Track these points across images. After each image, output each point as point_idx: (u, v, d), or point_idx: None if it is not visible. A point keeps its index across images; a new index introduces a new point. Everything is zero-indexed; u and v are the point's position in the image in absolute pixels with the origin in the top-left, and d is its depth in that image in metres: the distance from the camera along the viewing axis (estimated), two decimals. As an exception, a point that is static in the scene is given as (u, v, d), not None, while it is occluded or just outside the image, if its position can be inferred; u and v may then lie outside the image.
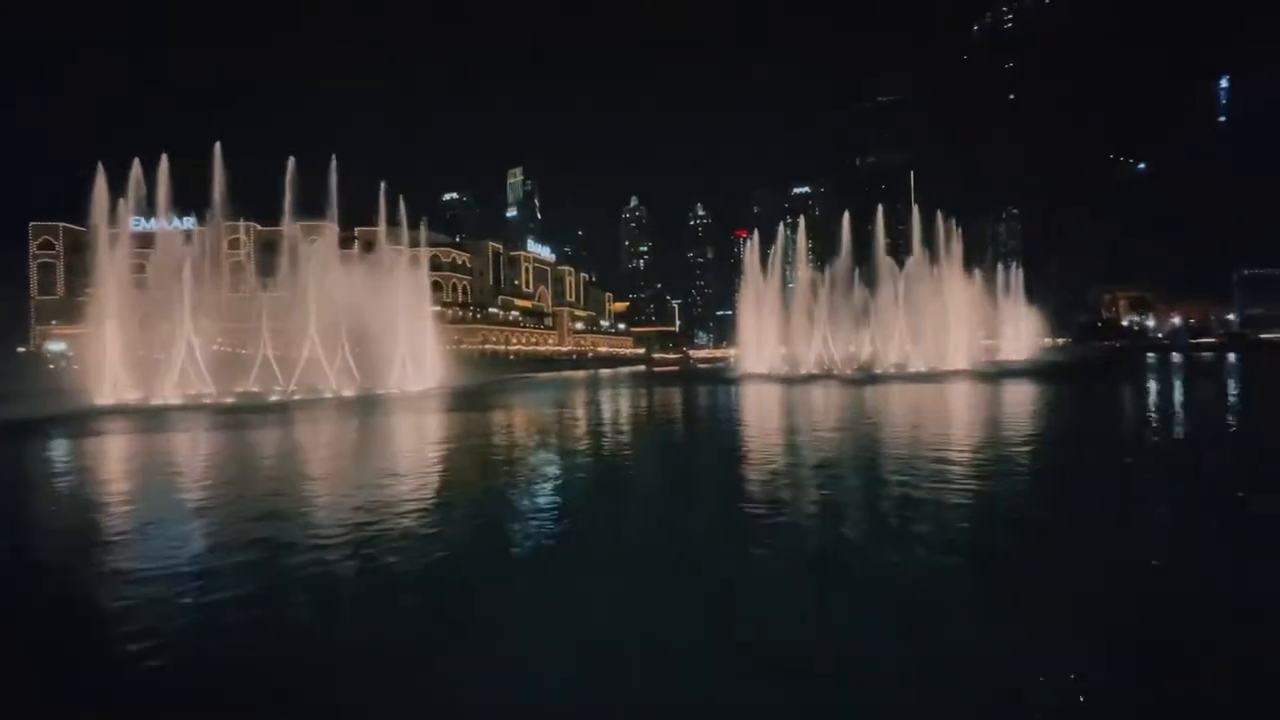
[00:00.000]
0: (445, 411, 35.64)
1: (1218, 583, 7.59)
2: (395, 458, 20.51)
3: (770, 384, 53.31)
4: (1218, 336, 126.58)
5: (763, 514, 11.37)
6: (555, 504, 13.28)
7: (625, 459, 19.81)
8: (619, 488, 15.23)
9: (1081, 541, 9.66)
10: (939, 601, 7.16)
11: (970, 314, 75.90)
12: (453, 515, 12.16)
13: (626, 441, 23.43)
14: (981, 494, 12.27)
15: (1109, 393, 39.85)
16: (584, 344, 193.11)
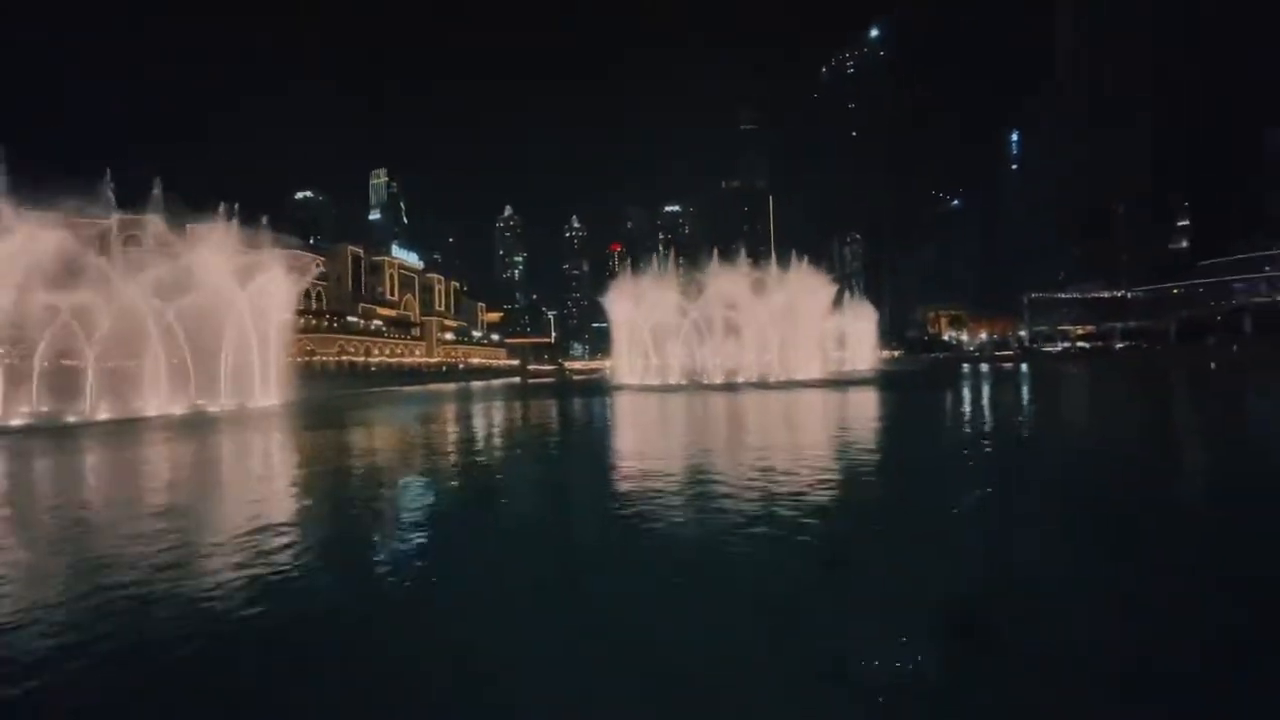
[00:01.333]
0: (278, 431, 32.47)
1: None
2: (182, 491, 16.74)
3: (640, 394, 54.69)
4: (1013, 349, 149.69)
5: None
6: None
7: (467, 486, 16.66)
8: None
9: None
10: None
11: (822, 328, 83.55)
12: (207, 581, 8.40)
13: (472, 465, 20.45)
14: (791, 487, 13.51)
15: (927, 397, 45.63)
16: (454, 355, 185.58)
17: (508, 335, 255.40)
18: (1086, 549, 9.27)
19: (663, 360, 74.66)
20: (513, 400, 58.15)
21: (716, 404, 41.90)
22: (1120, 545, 9.49)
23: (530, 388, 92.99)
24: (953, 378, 71.79)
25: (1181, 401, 39.29)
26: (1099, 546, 9.41)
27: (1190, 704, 5.14)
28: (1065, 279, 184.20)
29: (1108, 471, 16.07)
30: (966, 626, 6.52)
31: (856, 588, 7.97)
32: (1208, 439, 22.16)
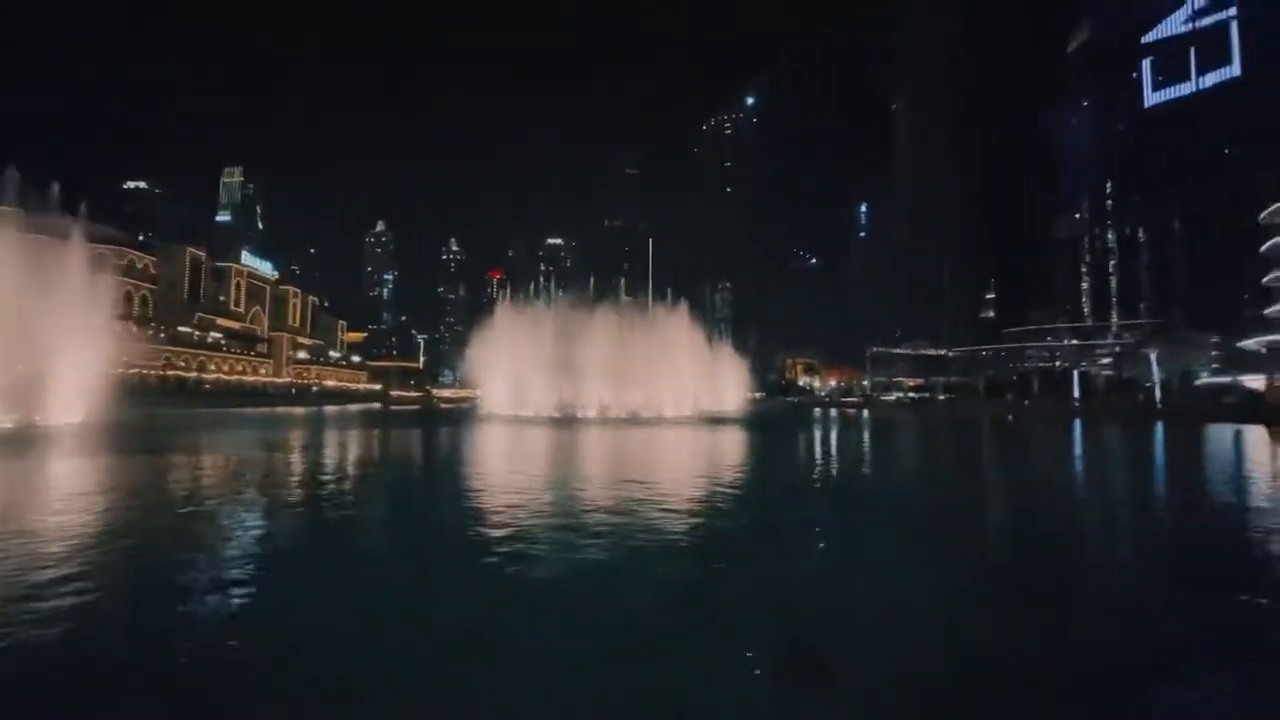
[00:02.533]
0: (72, 456, 28.14)
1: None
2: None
3: (509, 425, 53.87)
4: (857, 397, 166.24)
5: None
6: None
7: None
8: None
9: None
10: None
11: (693, 368, 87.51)
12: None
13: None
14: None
15: (780, 435, 49.46)
16: (307, 376, 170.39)
17: (371, 357, 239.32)
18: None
19: (535, 392, 74.13)
20: (366, 427, 54.63)
21: (583, 437, 42.43)
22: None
23: (390, 415, 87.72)
24: (806, 419, 78.73)
25: (981, 443, 46.03)
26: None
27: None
28: (901, 336, 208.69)
29: (901, 489, 18.64)
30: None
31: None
32: (988, 471, 26.31)
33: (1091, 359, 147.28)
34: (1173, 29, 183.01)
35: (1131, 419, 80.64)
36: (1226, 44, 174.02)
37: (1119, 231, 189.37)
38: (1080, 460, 34.96)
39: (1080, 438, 51.08)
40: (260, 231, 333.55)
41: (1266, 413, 66.32)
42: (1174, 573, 11.43)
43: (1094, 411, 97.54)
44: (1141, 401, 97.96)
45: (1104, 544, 14.09)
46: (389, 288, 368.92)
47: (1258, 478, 25.70)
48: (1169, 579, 10.98)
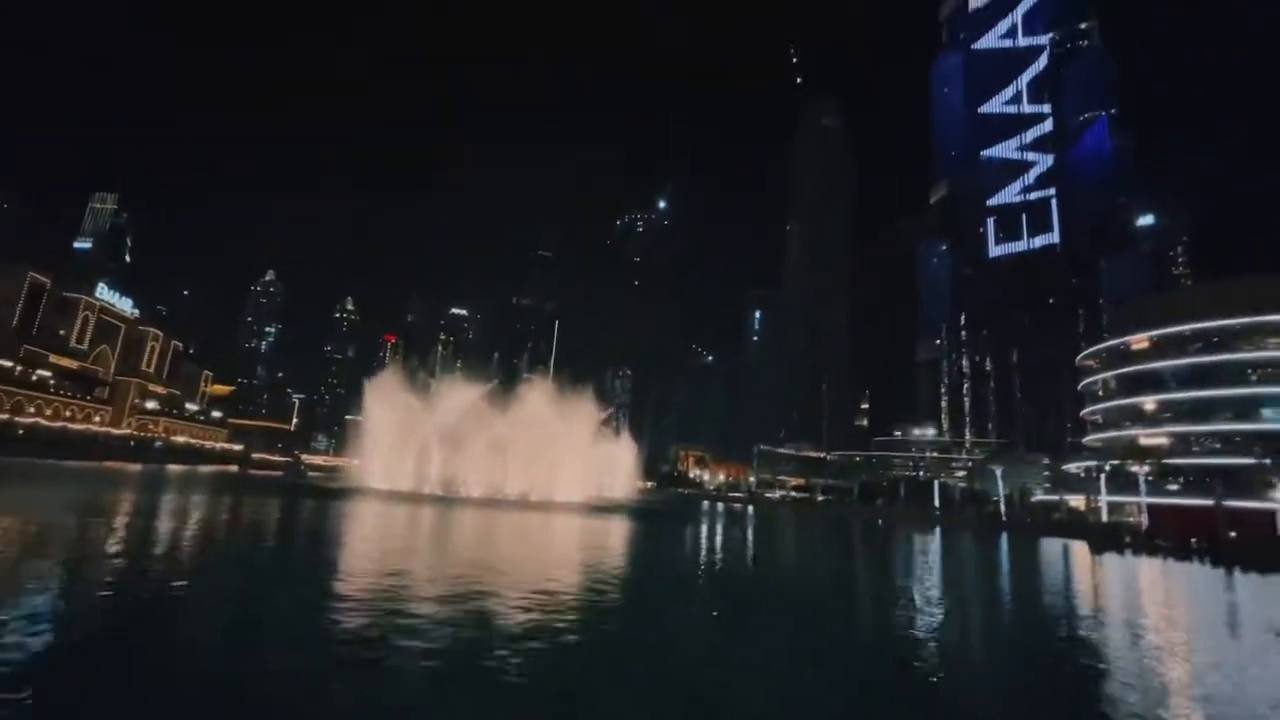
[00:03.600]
0: None
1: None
2: None
3: (379, 502, 50.08)
4: (743, 493, 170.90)
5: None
6: None
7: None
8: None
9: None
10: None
11: (586, 453, 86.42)
12: None
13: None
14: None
15: (669, 528, 49.44)
16: (153, 429, 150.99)
17: (235, 415, 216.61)
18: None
19: (417, 466, 69.89)
20: (205, 494, 48.74)
21: (459, 520, 40.26)
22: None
23: (244, 481, 78.86)
24: (693, 513, 79.50)
25: (853, 546, 48.45)
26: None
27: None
28: (786, 436, 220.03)
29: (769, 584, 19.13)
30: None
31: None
32: (859, 576, 27.64)
33: (949, 471, 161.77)
34: (1010, 197, 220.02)
35: (982, 529, 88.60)
36: (1049, 216, 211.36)
37: (970, 359, 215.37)
38: (935, 567, 37.67)
39: (939, 545, 55.15)
40: (127, 265, 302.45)
41: (1087, 531, 75.25)
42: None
43: (951, 521, 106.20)
44: (990, 514, 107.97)
45: (940, 639, 15.23)
46: (269, 340, 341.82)
47: (1078, 593, 28.86)
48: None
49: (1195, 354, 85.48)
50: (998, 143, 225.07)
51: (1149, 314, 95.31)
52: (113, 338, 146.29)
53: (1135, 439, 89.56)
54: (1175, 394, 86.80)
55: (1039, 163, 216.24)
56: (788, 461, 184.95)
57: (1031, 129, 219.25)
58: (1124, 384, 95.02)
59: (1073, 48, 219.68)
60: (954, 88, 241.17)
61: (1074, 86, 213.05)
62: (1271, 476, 67.64)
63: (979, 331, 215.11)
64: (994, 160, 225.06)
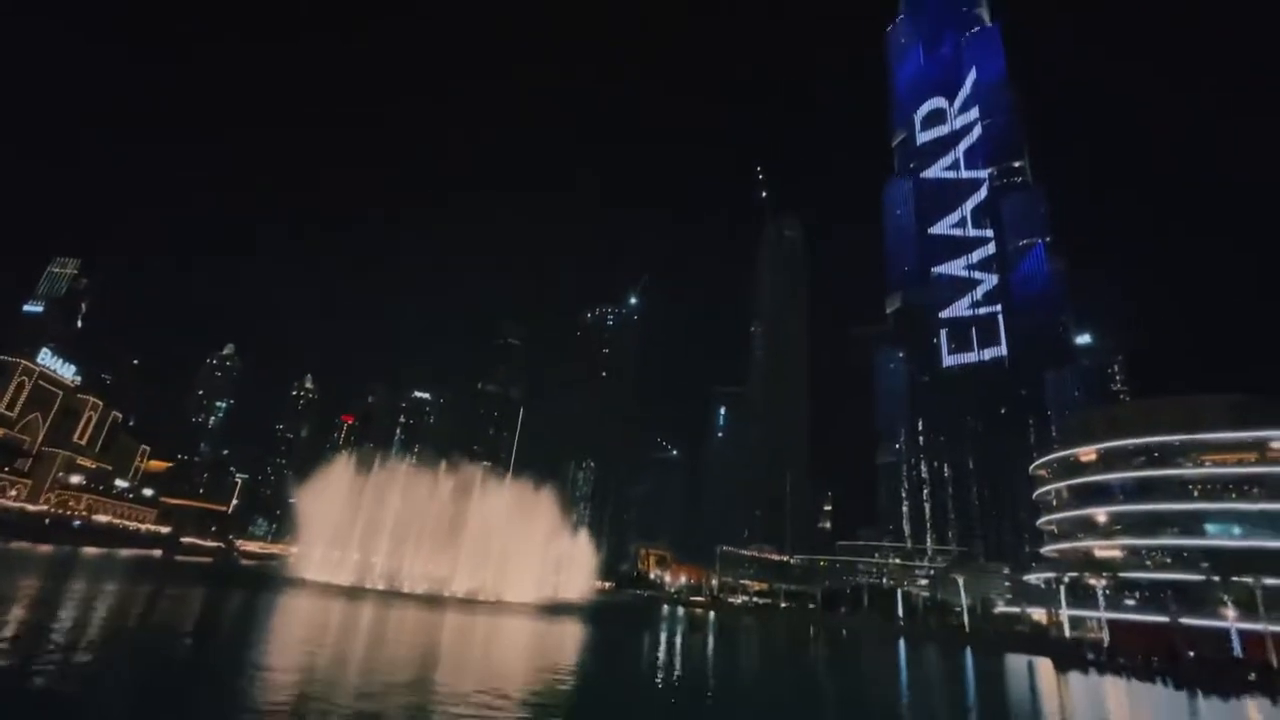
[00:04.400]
0: None
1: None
2: None
3: (321, 595, 46.43)
4: (705, 597, 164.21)
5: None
6: None
7: None
8: None
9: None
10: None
11: (542, 551, 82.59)
12: None
13: None
14: None
15: (625, 637, 46.70)
16: (74, 507, 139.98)
17: (169, 493, 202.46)
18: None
19: (361, 557, 65.70)
20: (117, 584, 44.58)
21: (401, 620, 37.42)
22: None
23: (171, 567, 72.71)
24: (652, 618, 75.58)
25: (816, 659, 46.31)
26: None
27: None
28: (749, 537, 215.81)
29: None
30: None
31: None
32: (820, 684, 26.24)
33: (912, 579, 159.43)
34: (960, 311, 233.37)
35: (946, 642, 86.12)
36: (997, 330, 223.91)
37: (929, 464, 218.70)
38: (902, 688, 36.16)
39: (904, 660, 53.19)
40: (76, 330, 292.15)
41: (1051, 647, 73.85)
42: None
43: (916, 632, 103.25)
44: (954, 625, 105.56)
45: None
46: (218, 416, 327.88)
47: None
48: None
49: (1139, 468, 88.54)
50: (946, 261, 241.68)
51: (1095, 427, 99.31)
52: (47, 405, 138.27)
53: (1090, 550, 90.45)
54: (1124, 506, 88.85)
55: (985, 281, 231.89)
56: (750, 564, 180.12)
57: (977, 250, 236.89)
58: (1076, 495, 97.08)
59: (1009, 182, 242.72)
60: (905, 210, 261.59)
61: (1013, 215, 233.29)
62: (1221, 594, 68.39)
63: (936, 437, 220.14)
64: (944, 277, 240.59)
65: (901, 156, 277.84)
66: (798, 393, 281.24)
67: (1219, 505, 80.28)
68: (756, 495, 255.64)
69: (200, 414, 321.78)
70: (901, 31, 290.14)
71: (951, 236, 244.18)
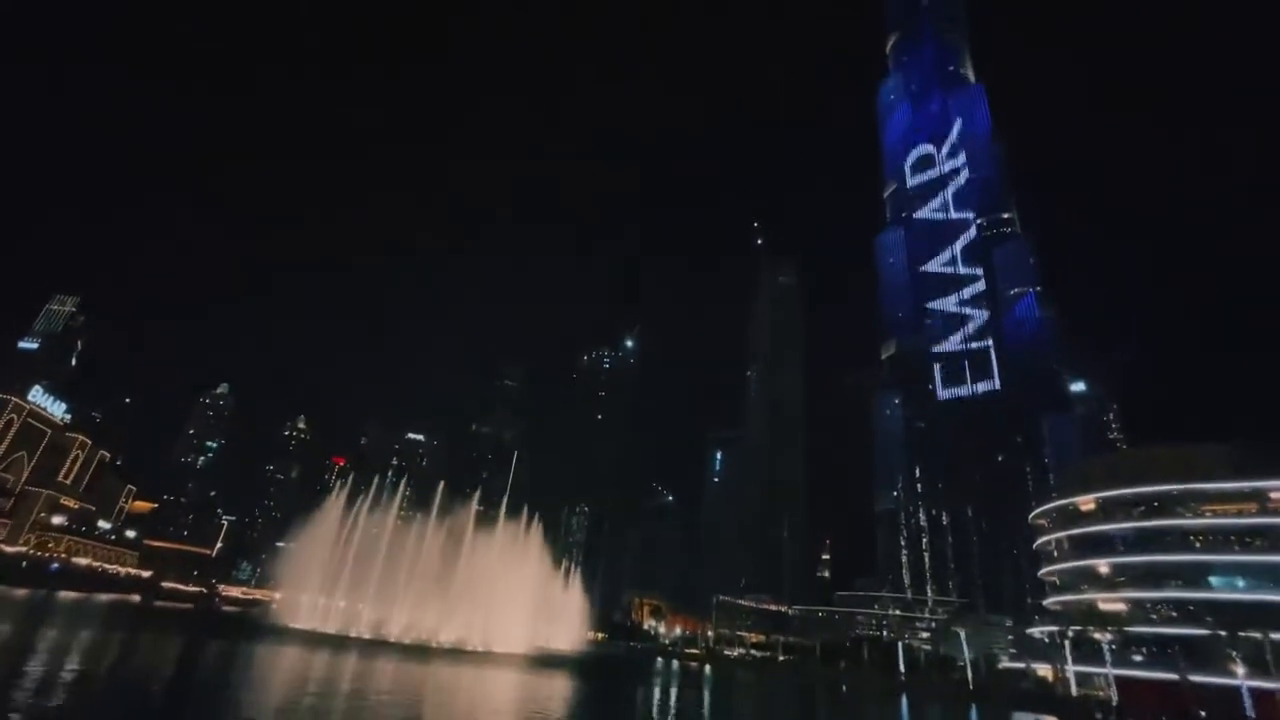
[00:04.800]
0: None
1: None
2: None
3: (303, 645, 44.82)
4: (700, 649, 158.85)
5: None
6: None
7: None
8: None
9: None
10: None
11: (533, 599, 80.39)
12: None
13: None
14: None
15: (610, 694, 44.98)
16: (54, 549, 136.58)
17: (153, 535, 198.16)
18: None
19: (347, 605, 63.86)
20: (97, 630, 43.08)
21: (384, 673, 36.05)
22: None
23: (148, 614, 70.39)
24: (645, 672, 73.06)
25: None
26: None
27: None
28: (745, 586, 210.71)
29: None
30: None
31: None
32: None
33: (913, 631, 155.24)
34: (953, 345, 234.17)
35: (950, 699, 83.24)
36: (990, 364, 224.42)
37: (927, 512, 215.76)
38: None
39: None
40: (72, 369, 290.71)
41: (1058, 706, 71.40)
42: None
43: (918, 688, 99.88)
44: (958, 681, 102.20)
45: None
46: (209, 455, 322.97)
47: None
48: None
49: (1138, 518, 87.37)
50: (938, 298, 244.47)
51: (1093, 476, 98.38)
52: (34, 443, 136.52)
53: (1094, 603, 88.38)
54: (1126, 558, 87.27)
55: (976, 317, 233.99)
56: (747, 615, 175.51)
57: (968, 287, 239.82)
58: (1076, 545, 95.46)
59: (998, 232, 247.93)
60: (897, 257, 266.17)
61: (1003, 263, 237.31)
62: (1229, 649, 66.61)
63: (934, 483, 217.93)
64: (936, 313, 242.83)
65: (893, 206, 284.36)
66: (795, 438, 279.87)
67: (1221, 557, 78.91)
68: (753, 543, 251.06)
69: (190, 454, 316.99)
70: (891, 89, 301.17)
71: (943, 275, 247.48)
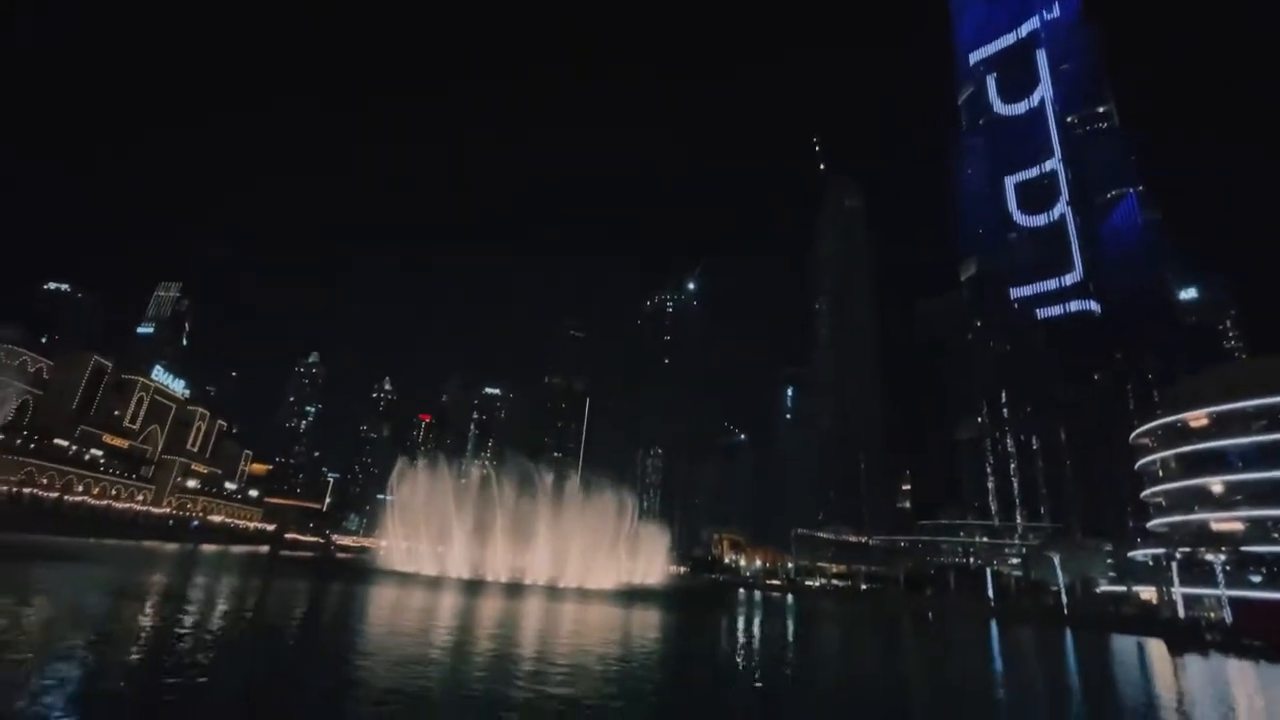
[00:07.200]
0: None
1: None
2: None
3: (405, 587, 48.96)
4: (781, 580, 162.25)
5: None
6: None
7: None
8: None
9: None
10: None
11: (617, 538, 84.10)
12: None
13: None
14: None
15: (704, 620, 46.81)
16: (191, 508, 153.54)
17: (271, 493, 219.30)
18: None
19: (445, 550, 68.84)
20: (234, 577, 48.41)
21: (484, 607, 38.89)
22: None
23: (277, 562, 78.54)
24: (729, 601, 75.78)
25: (906, 646, 44.91)
26: None
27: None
28: (824, 519, 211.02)
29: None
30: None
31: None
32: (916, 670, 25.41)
33: (1002, 558, 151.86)
34: (1042, 258, 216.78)
35: (1043, 624, 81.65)
36: (1086, 286, 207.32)
37: (1015, 437, 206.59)
38: (1002, 676, 34.54)
39: (999, 644, 50.78)
40: (184, 349, 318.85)
41: (1163, 628, 68.67)
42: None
43: (1008, 613, 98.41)
44: (1051, 606, 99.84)
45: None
46: (309, 420, 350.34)
47: (1167, 703, 25.88)
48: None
49: (1260, 432, 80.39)
50: (1024, 209, 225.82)
51: (1205, 389, 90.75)
52: (163, 417, 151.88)
53: (1205, 524, 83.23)
54: (1244, 475, 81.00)
55: (1068, 224, 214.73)
56: (827, 546, 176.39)
57: (1059, 202, 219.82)
58: (1185, 464, 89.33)
59: (1091, 129, 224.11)
60: (976, 168, 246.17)
61: (1100, 164, 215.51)
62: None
63: (1022, 408, 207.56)
64: (1022, 226, 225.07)
65: (969, 112, 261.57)
66: (869, 369, 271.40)
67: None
68: (830, 477, 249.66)
69: (293, 419, 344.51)
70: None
71: (1029, 182, 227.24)
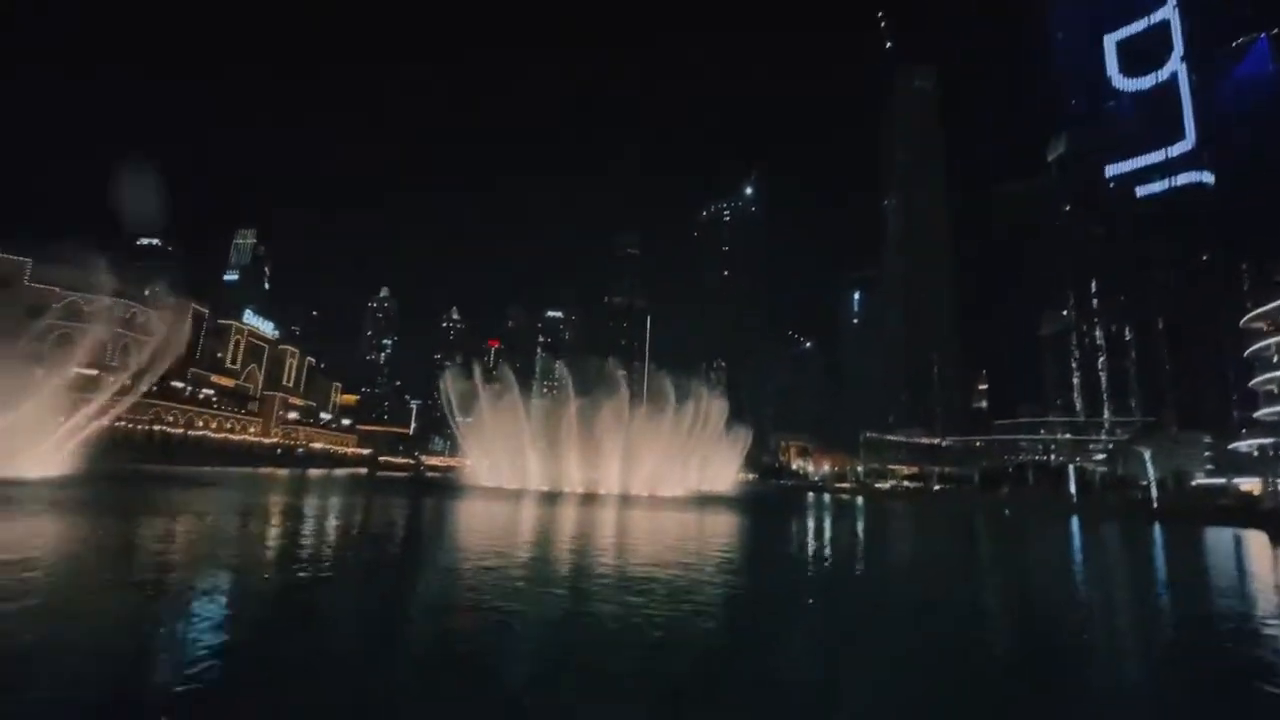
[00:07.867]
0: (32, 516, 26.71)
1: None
2: None
3: (494, 500, 52.64)
4: (851, 483, 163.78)
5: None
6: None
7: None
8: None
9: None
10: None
11: (686, 447, 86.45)
12: None
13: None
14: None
15: (771, 522, 48.28)
16: (295, 437, 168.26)
17: (362, 421, 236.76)
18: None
19: (524, 465, 73.05)
20: (348, 495, 53.31)
21: (564, 514, 41.42)
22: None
23: (376, 482, 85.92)
24: (799, 504, 77.56)
25: (984, 542, 44.98)
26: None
27: None
28: (894, 422, 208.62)
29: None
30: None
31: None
32: (1001, 583, 25.54)
33: (1085, 454, 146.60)
34: (1145, 128, 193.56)
35: (1130, 518, 79.22)
36: (1198, 155, 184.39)
37: (1105, 329, 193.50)
38: (1083, 568, 34.14)
39: (1080, 539, 49.96)
40: (266, 292, 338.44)
41: (1265, 519, 65.34)
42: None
43: (1091, 509, 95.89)
44: (1139, 500, 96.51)
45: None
46: (387, 352, 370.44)
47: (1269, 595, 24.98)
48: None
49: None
50: (1125, 71, 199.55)
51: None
52: (259, 357, 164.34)
53: (1323, 410, 76.75)
54: (1375, 356, 73.31)
55: (1179, 84, 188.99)
56: (898, 449, 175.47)
57: (1170, 57, 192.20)
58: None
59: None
60: (1068, 31, 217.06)
61: (1221, 7, 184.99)
62: None
63: (1114, 298, 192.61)
64: (1122, 93, 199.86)
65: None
66: (942, 264, 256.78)
67: None
68: (900, 379, 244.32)
69: (372, 352, 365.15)
70: None
71: (1132, 39, 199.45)
